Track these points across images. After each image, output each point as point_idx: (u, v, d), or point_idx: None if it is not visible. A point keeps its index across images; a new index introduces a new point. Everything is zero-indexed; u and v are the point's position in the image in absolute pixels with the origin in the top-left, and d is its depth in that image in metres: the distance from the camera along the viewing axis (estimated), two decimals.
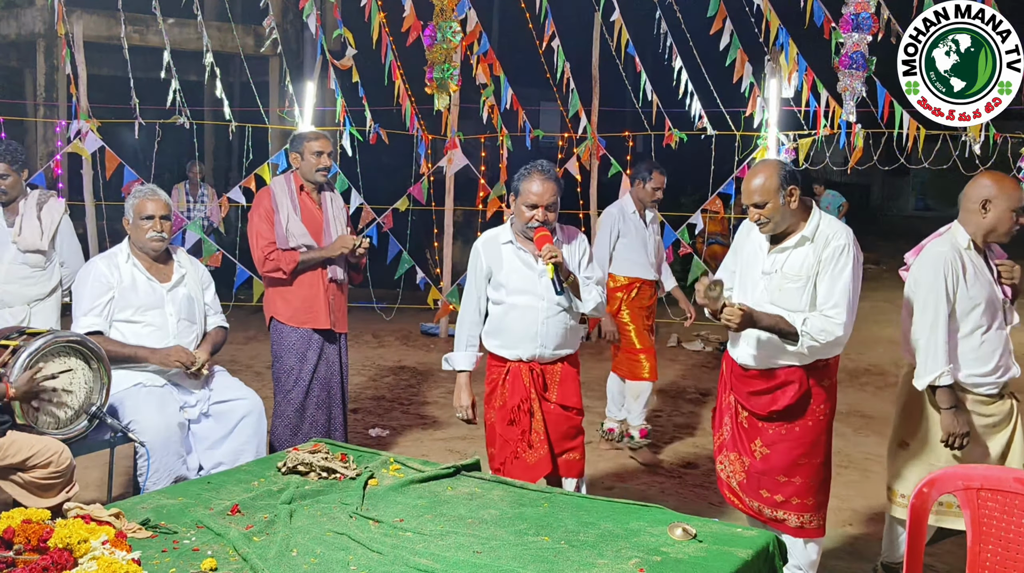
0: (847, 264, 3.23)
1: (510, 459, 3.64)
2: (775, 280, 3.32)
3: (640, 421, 5.60)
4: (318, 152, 4.48)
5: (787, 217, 3.27)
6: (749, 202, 3.27)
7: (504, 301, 3.67)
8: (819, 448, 3.40)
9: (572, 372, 3.73)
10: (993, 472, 2.82)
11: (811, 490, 3.38)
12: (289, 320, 4.52)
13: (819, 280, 3.26)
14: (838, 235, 3.26)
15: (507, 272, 3.65)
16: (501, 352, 3.70)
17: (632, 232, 5.59)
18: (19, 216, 4.64)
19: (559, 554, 2.48)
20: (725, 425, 3.54)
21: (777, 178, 3.22)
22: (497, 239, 3.72)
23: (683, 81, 8.48)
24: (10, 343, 3.40)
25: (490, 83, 8.75)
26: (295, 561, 2.41)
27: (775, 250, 3.34)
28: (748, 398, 3.43)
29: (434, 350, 8.69)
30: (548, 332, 3.62)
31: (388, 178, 11.28)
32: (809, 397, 3.36)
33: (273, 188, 4.55)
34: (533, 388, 3.64)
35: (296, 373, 4.52)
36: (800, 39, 8.20)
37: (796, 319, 3.21)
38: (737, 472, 3.48)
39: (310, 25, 8.56)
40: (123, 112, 8.72)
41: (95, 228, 8.30)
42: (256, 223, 4.49)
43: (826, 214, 3.37)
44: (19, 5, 12.57)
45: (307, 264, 4.48)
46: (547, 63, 8.92)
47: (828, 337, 3.20)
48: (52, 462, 3.21)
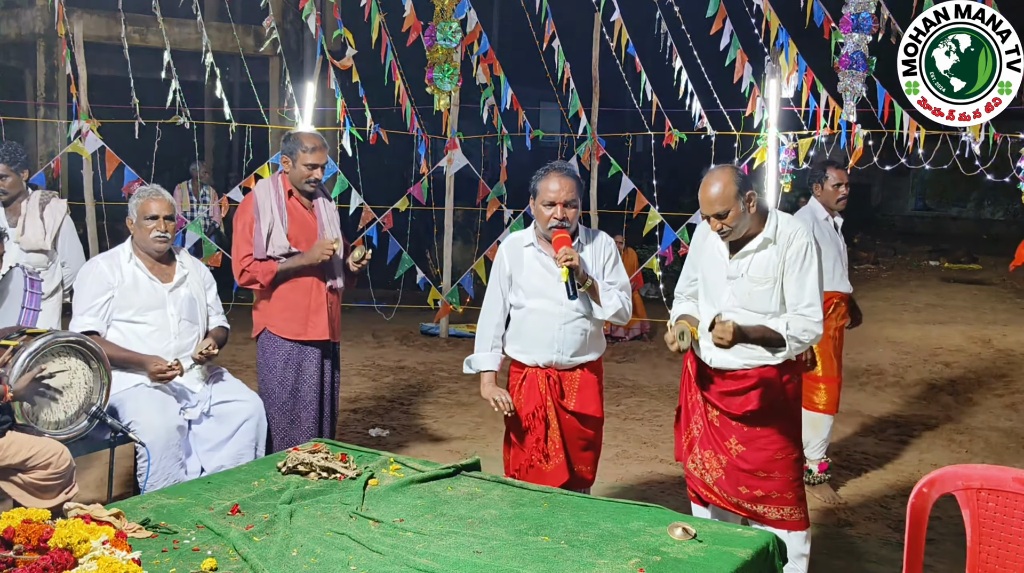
0: (812, 261, 3.26)
1: (524, 467, 3.60)
2: (742, 285, 3.32)
3: (819, 455, 5.02)
4: (311, 165, 4.23)
5: (747, 222, 3.26)
6: (710, 213, 3.23)
7: (523, 305, 3.62)
8: (794, 442, 3.43)
9: (592, 379, 3.64)
10: (993, 472, 2.82)
11: (791, 485, 3.39)
12: (286, 332, 4.28)
13: (785, 280, 3.27)
14: (799, 234, 3.27)
15: (527, 275, 3.61)
16: (519, 357, 3.65)
17: (827, 240, 4.93)
18: (21, 216, 4.64)
19: (559, 554, 2.48)
20: (695, 423, 3.53)
21: (734, 185, 3.19)
22: (520, 241, 3.66)
23: (683, 81, 8.48)
24: (10, 343, 3.40)
25: (490, 83, 8.75)
26: (295, 561, 2.41)
27: (737, 255, 3.33)
28: (720, 398, 3.43)
29: (434, 350, 8.69)
30: (565, 338, 3.56)
31: (388, 178, 11.30)
32: (782, 394, 3.38)
33: (257, 193, 4.29)
34: (549, 395, 3.57)
35: (291, 384, 4.31)
36: (800, 39, 8.19)
37: (779, 325, 3.23)
38: (713, 469, 3.46)
39: (310, 25, 8.56)
40: (123, 112, 8.72)
41: (95, 228, 8.29)
42: (236, 233, 4.27)
43: (782, 212, 3.37)
44: (19, 5, 12.56)
45: (287, 274, 4.23)
46: (547, 63, 8.92)
47: (811, 336, 3.24)
48: (51, 463, 3.21)
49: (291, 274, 4.26)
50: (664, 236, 8.84)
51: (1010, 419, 6.60)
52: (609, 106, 9.59)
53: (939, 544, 4.17)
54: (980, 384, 7.60)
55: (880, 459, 5.60)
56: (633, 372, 7.60)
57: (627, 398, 7.08)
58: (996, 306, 11.35)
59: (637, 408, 6.79)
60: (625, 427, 6.26)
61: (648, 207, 8.78)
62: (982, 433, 6.22)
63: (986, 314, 10.79)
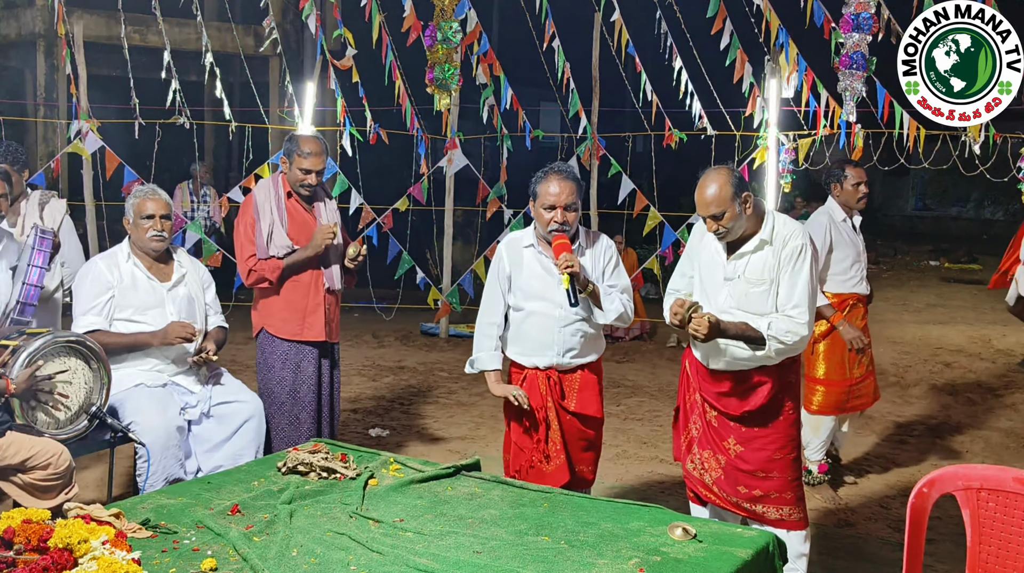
0: (804, 263, 3.25)
1: (525, 468, 3.60)
2: (739, 286, 3.31)
3: (818, 456, 5.03)
4: (306, 170, 4.22)
5: (744, 223, 3.26)
6: (706, 214, 3.24)
7: (522, 307, 3.61)
8: (793, 442, 3.42)
9: (592, 380, 3.64)
10: (993, 472, 2.82)
11: (790, 484, 3.40)
12: (283, 332, 4.29)
13: (780, 281, 3.27)
14: (795, 235, 3.28)
15: (526, 277, 3.60)
16: (519, 359, 3.65)
17: (845, 242, 4.90)
18: (20, 216, 4.64)
19: (559, 554, 2.48)
20: (693, 424, 3.53)
21: (730, 186, 3.19)
22: (520, 242, 3.64)
23: (683, 81, 8.47)
24: (10, 343, 3.40)
25: (490, 83, 8.75)
26: (295, 561, 2.41)
27: (734, 256, 3.33)
28: (718, 398, 3.43)
29: (434, 350, 8.69)
30: (565, 341, 3.55)
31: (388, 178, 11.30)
32: (780, 395, 3.38)
33: (256, 195, 4.30)
34: (550, 396, 3.57)
35: (290, 384, 4.30)
36: (800, 39, 8.19)
37: (761, 324, 3.22)
38: (712, 469, 3.46)
39: (310, 25, 8.55)
40: (123, 112, 8.72)
41: (95, 228, 8.29)
42: (239, 235, 4.29)
43: (779, 214, 3.38)
44: (19, 5, 12.56)
45: (293, 267, 4.25)
46: (547, 63, 8.91)
47: (794, 337, 3.22)
48: (51, 464, 3.21)
49: (297, 268, 4.26)
50: (664, 236, 8.83)
51: (1010, 419, 6.60)
52: (609, 106, 9.59)
53: (939, 544, 4.17)
54: (980, 384, 7.60)
55: (880, 459, 5.60)
56: (633, 372, 7.59)
57: (627, 398, 7.07)
58: (996, 306, 11.32)
59: (637, 408, 6.79)
60: (625, 427, 6.26)
61: (648, 207, 8.78)
62: (982, 433, 6.22)
63: (986, 314, 10.79)
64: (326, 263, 4.33)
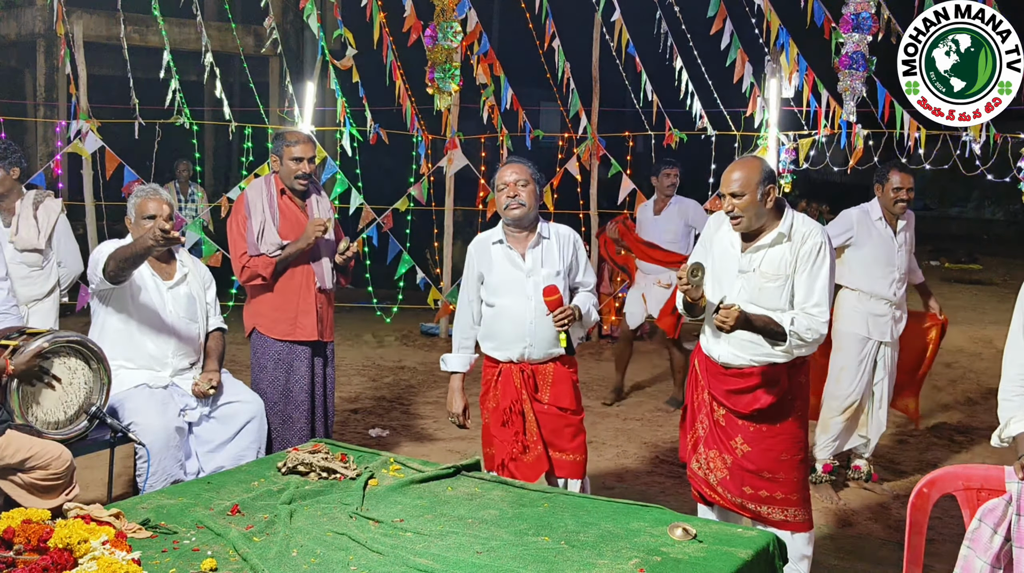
0: (824, 261, 3.26)
1: (506, 461, 3.63)
2: (753, 279, 3.32)
3: (824, 455, 4.96)
4: (297, 158, 4.20)
5: (761, 215, 3.27)
6: (727, 190, 3.27)
7: (494, 302, 3.67)
8: (800, 444, 3.43)
9: (566, 373, 3.68)
10: (993, 472, 2.82)
11: (796, 486, 3.40)
12: (275, 332, 4.29)
13: (796, 277, 3.27)
14: (814, 233, 3.29)
15: (496, 272, 3.66)
16: (494, 354, 3.70)
17: (871, 242, 4.78)
18: (15, 216, 4.63)
19: (559, 554, 2.48)
20: (700, 422, 3.53)
21: (759, 173, 3.24)
22: (488, 239, 3.73)
23: (683, 81, 8.48)
24: (10, 343, 3.39)
25: (490, 83, 8.74)
26: (295, 561, 2.41)
27: (750, 249, 3.33)
28: (727, 396, 3.42)
29: (434, 350, 8.69)
30: (536, 333, 3.60)
31: (388, 178, 11.28)
32: (790, 394, 3.38)
33: (248, 193, 4.29)
34: (524, 389, 3.62)
35: (282, 384, 4.29)
36: (800, 39, 8.20)
37: (784, 319, 3.22)
38: (718, 468, 3.46)
39: (310, 25, 8.55)
40: (123, 112, 8.72)
41: (95, 228, 8.30)
42: (232, 233, 4.29)
43: (799, 213, 3.38)
44: (19, 5, 12.57)
45: (286, 262, 4.23)
46: (547, 63, 8.91)
47: (814, 335, 3.23)
48: (51, 464, 3.20)
49: (290, 262, 4.26)
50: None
51: None
52: (609, 106, 9.58)
53: (939, 544, 4.16)
54: (980, 384, 7.60)
55: (880, 459, 5.59)
56: (633, 372, 7.58)
57: (627, 398, 7.07)
58: (996, 306, 11.35)
59: (637, 408, 6.79)
60: (625, 427, 6.26)
61: None
62: (982, 433, 6.21)
63: (986, 314, 10.79)
64: (317, 259, 4.32)
